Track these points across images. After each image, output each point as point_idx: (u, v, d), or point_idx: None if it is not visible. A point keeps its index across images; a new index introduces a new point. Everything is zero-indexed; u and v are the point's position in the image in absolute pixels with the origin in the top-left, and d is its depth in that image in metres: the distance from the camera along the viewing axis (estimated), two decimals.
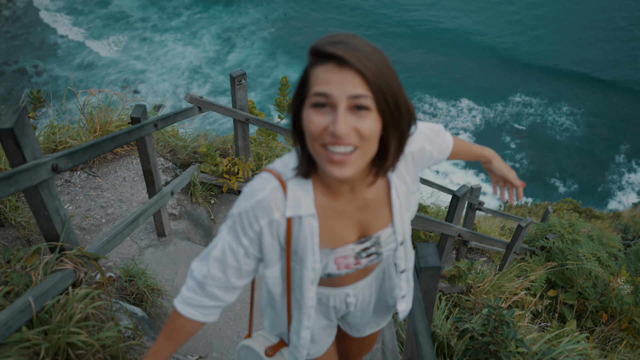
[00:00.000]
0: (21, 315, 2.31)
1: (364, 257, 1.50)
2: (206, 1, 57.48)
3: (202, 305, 1.40)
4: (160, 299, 3.92)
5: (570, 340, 3.74)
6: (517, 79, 49.77)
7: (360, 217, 1.43)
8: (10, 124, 2.40)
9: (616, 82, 49.27)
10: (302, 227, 1.33)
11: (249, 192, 1.33)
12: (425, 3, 57.11)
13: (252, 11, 56.80)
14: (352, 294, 1.66)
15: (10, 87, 47.38)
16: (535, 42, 53.09)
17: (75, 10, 56.64)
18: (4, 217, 4.00)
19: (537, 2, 57.25)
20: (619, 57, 51.29)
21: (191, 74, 50.39)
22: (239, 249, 1.34)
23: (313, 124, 1.11)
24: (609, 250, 7.07)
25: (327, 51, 1.06)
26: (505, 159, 44.14)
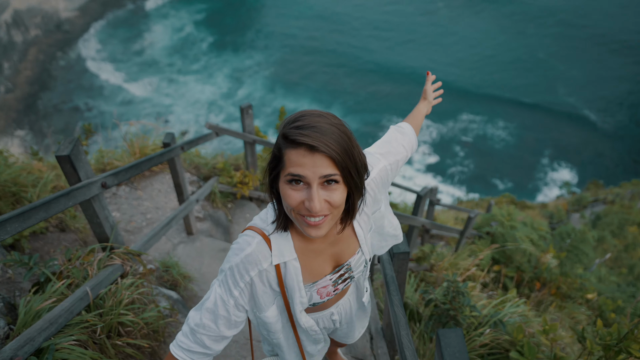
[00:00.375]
0: (81, 302, 2.30)
1: (340, 283, 1.46)
2: (219, 49, 57.61)
3: (192, 351, 1.27)
4: (190, 285, 3.91)
5: (512, 304, 3.75)
6: (463, 103, 50.25)
7: (333, 251, 1.39)
8: (67, 151, 2.40)
9: (538, 103, 50.20)
10: (288, 270, 1.30)
11: (237, 248, 1.26)
12: (387, 47, 57.54)
13: (255, 55, 56.99)
14: (336, 312, 1.62)
15: (67, 121, 47.27)
16: (475, 73, 53.55)
17: (116, 59, 56.61)
18: (65, 224, 3.98)
19: (476, 42, 57.77)
20: (539, 84, 52.00)
21: (209, 106, 50.50)
22: (230, 300, 1.25)
23: (291, 199, 1.10)
24: (539, 233, 7.13)
25: (299, 140, 1.03)
26: (455, 165, 44.84)
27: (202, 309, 1.27)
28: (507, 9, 62.08)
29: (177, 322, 3.10)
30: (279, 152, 1.11)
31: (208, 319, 1.25)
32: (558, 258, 6.20)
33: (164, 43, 58.71)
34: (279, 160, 1.12)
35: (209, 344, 1.27)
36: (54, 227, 3.91)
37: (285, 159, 1.08)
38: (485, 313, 3.44)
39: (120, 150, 5.96)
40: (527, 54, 55.91)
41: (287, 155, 1.07)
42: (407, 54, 56.47)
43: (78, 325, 2.28)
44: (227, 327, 1.27)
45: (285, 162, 1.08)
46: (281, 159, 1.10)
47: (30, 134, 47.10)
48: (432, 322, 3.40)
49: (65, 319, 2.17)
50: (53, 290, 2.32)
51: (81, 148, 2.52)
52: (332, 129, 1.06)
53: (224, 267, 1.28)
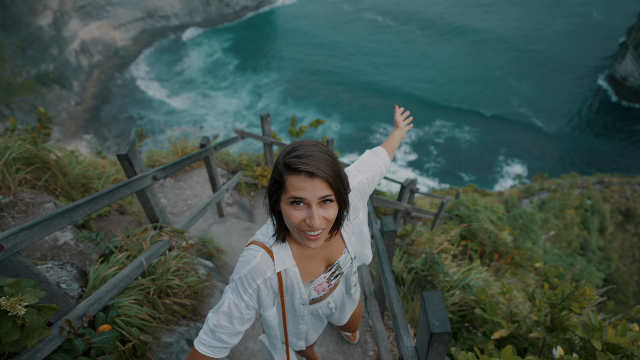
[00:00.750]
0: (137, 270, 2.30)
1: (332, 279, 1.45)
2: (242, 70, 57.68)
3: (212, 346, 1.24)
4: (222, 256, 3.91)
5: (476, 272, 3.74)
6: (435, 112, 50.47)
7: (324, 253, 1.37)
8: (126, 151, 2.39)
9: (497, 114, 50.44)
10: (289, 275, 1.29)
11: (244, 261, 1.23)
12: (375, 69, 57.56)
13: (271, 75, 57.04)
14: (332, 301, 1.61)
15: (123, 127, 47.52)
16: (445, 89, 53.44)
17: (161, 78, 56.79)
18: (123, 208, 3.99)
19: (446, 64, 57.54)
20: (497, 97, 52.05)
21: (234, 115, 50.70)
22: (242, 303, 1.22)
23: (293, 217, 1.09)
24: (497, 215, 7.11)
25: (300, 168, 1.02)
26: (430, 161, 44.75)
27: (218, 312, 1.25)
28: (471, 38, 61.80)
29: (213, 286, 3.10)
30: (280, 178, 1.09)
31: (224, 320, 1.23)
32: (512, 235, 6.18)
33: (198, 65, 58.69)
34: (280, 184, 1.09)
35: (227, 340, 1.26)
36: (115, 210, 3.91)
37: (287, 184, 1.06)
38: (456, 278, 3.43)
39: (166, 150, 5.95)
40: (487, 73, 55.76)
41: (289, 181, 1.06)
42: (391, 74, 56.46)
43: (135, 288, 2.28)
44: (240, 324, 1.26)
45: (287, 187, 1.06)
46: (282, 184, 1.08)
47: (94, 137, 47.30)
48: (413, 285, 3.39)
49: (126, 283, 2.18)
50: (115, 261, 2.33)
51: (136, 148, 2.52)
52: (325, 156, 1.06)
53: (234, 277, 1.25)
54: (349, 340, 2.66)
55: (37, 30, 51.86)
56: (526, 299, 3.79)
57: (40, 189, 3.24)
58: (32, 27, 51.25)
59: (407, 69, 57.17)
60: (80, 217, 1.92)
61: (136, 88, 54.87)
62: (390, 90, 53.29)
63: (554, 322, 2.60)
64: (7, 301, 1.26)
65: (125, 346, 1.91)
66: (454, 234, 4.91)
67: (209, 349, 1.25)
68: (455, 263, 4.53)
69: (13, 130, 3.74)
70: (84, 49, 57.39)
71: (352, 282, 1.67)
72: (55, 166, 3.44)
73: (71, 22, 56.89)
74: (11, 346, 1.37)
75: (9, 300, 1.27)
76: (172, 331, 2.33)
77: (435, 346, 1.09)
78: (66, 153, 3.97)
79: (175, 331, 2.34)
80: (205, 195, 5.17)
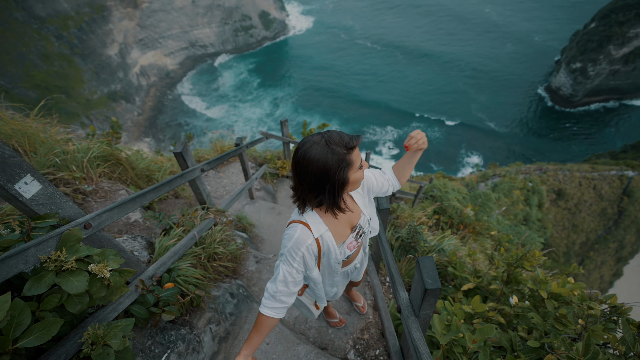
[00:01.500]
0: (191, 241, 2.29)
1: (359, 238, 1.41)
2: (264, 86, 57.38)
3: (275, 307, 1.25)
4: (254, 229, 3.90)
5: (448, 239, 3.71)
6: (411, 118, 49.90)
7: (346, 218, 1.34)
8: (180, 149, 2.35)
9: (461, 121, 49.67)
10: (325, 240, 1.26)
11: (288, 237, 1.22)
12: (365, 86, 56.99)
13: (286, 89, 56.68)
14: (357, 262, 1.59)
15: (174, 132, 47.44)
16: (419, 99, 52.81)
17: (201, 94, 56.55)
18: (178, 193, 3.97)
19: (418, 81, 56.73)
20: (460, 108, 51.50)
21: (258, 122, 50.47)
22: (292, 270, 1.22)
23: (362, 174, 1.18)
24: (462, 195, 7.02)
25: (355, 145, 1.09)
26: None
27: (276, 281, 1.24)
28: (438, 59, 60.69)
29: (247, 252, 3.09)
30: (345, 162, 1.09)
31: (282, 286, 1.24)
32: (474, 210, 6.12)
33: (230, 83, 58.31)
34: (346, 166, 1.09)
35: (286, 300, 1.26)
36: (171, 195, 3.90)
37: (351, 160, 1.10)
38: (432, 244, 3.39)
39: (208, 148, 5.91)
40: (451, 87, 54.87)
41: (351, 157, 1.10)
42: (377, 89, 55.92)
43: (190, 255, 2.27)
44: (294, 286, 1.26)
45: (353, 161, 1.11)
46: (348, 163, 1.10)
47: (153, 140, 47.35)
48: (400, 250, 3.36)
49: (183, 251, 2.17)
50: (174, 234, 2.31)
51: (188, 147, 2.48)
52: (344, 133, 1.13)
53: (283, 251, 1.24)
54: (358, 311, 2.58)
55: (107, 58, 51.61)
56: (486, 259, 3.75)
57: (115, 179, 3.23)
58: (103, 56, 51.04)
59: (390, 85, 56.41)
60: (147, 202, 1.90)
61: (182, 102, 54.65)
62: (375, 102, 52.80)
63: (509, 277, 2.56)
64: (96, 266, 1.25)
65: (184, 299, 1.91)
66: (429, 210, 4.85)
67: (273, 310, 1.26)
68: (431, 233, 4.49)
69: (93, 135, 3.71)
70: (142, 72, 57.05)
71: (367, 244, 1.66)
72: (125, 162, 3.42)
73: (133, 51, 56.51)
74: (100, 300, 1.37)
75: (97, 266, 1.25)
76: (219, 287, 2.33)
77: (428, 299, 1.06)
78: (133, 152, 3.95)
79: (221, 287, 2.34)
80: (239, 182, 5.15)
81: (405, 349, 1.58)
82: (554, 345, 1.65)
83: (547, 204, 24.41)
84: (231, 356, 2.04)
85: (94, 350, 1.21)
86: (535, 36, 64.08)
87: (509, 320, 2.25)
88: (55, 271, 1.17)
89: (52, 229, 1.30)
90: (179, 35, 61.57)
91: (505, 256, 2.72)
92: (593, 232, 31.64)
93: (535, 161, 38.78)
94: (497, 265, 2.78)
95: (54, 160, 2.74)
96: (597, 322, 1.87)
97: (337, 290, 1.63)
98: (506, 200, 14.00)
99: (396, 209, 4.95)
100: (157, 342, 1.74)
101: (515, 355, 1.84)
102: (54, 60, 44.70)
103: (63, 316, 1.30)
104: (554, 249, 23.05)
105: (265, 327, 1.27)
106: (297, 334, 2.31)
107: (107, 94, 49.57)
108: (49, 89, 41.42)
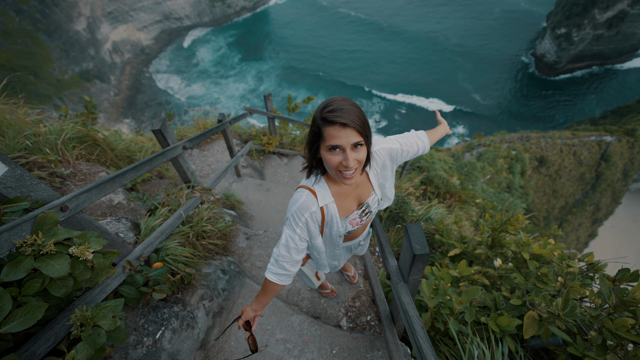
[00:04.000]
0: (178, 220, 2.25)
1: (364, 216, 1.38)
2: (246, 60, 55.40)
3: (278, 273, 1.25)
4: (242, 206, 3.87)
5: (435, 208, 3.78)
6: (398, 89, 49.47)
7: (356, 193, 1.30)
8: (159, 126, 2.25)
9: (445, 89, 49.51)
10: (329, 211, 1.23)
11: (294, 201, 1.19)
12: (347, 59, 55.64)
13: (269, 63, 54.91)
14: (362, 239, 1.59)
15: (155, 111, 45.85)
16: (406, 73, 52.10)
17: (180, 70, 54.21)
18: (162, 173, 3.87)
19: (404, 54, 55.68)
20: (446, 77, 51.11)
21: (241, 98, 49.13)
22: (295, 235, 1.20)
23: (332, 161, 1.04)
24: (448, 165, 7.12)
25: (334, 120, 0.96)
26: (395, 126, 44.14)
27: (279, 245, 1.24)
28: (424, 28, 59.29)
29: (237, 229, 3.08)
30: (318, 130, 1.02)
31: (284, 251, 1.23)
32: (459, 179, 6.23)
33: (209, 58, 55.96)
34: (319, 135, 1.03)
35: (288, 267, 1.25)
36: (155, 176, 3.80)
37: (325, 134, 1.01)
38: (420, 213, 3.45)
39: (190, 126, 5.72)
40: (438, 56, 54.24)
41: (327, 132, 1.00)
42: (360, 61, 54.63)
43: (178, 234, 2.24)
44: (296, 254, 1.24)
45: (325, 137, 1.01)
46: (321, 135, 1.02)
47: (133, 121, 45.65)
48: (389, 220, 3.41)
49: (170, 230, 2.14)
50: (160, 214, 2.27)
51: (167, 124, 2.38)
52: (354, 109, 0.99)
53: (288, 215, 1.22)
54: (349, 280, 2.63)
55: (75, 34, 48.29)
56: (471, 226, 3.86)
57: (93, 162, 3.10)
58: (70, 31, 47.70)
59: (373, 57, 55.23)
60: (128, 181, 1.83)
61: (161, 79, 52.32)
62: (361, 75, 51.80)
63: (494, 242, 2.65)
64: (77, 249, 1.21)
65: (175, 277, 1.90)
66: (417, 181, 4.90)
67: (276, 276, 1.26)
68: (419, 203, 4.56)
69: (66, 116, 3.52)
70: (115, 49, 53.84)
71: (370, 223, 1.66)
72: (103, 143, 3.28)
73: (102, 26, 52.99)
74: (85, 283, 1.34)
75: (79, 248, 1.21)
76: (209, 264, 2.32)
77: (417, 264, 1.08)
78: (111, 132, 3.78)
79: (212, 264, 2.33)
80: (225, 160, 5.05)
81: (395, 313, 1.63)
82: (535, 302, 1.74)
83: (530, 171, 25.13)
84: (226, 330, 2.08)
85: (83, 331, 1.20)
86: (521, 2, 63.08)
87: (492, 281, 2.35)
88: (33, 255, 1.13)
89: (25, 212, 1.24)
90: (151, 7, 57.79)
91: (490, 222, 2.81)
92: (572, 197, 33.06)
93: (519, 130, 39.48)
94: (482, 230, 2.86)
95: (25, 143, 2.60)
96: (575, 278, 1.97)
97: (337, 263, 1.63)
98: (490, 169, 14.31)
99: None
100: (150, 320, 1.74)
101: (498, 313, 1.94)
102: (16, 37, 41.52)
103: (48, 300, 1.27)
104: (536, 214, 24.05)
105: (270, 291, 1.30)
106: (290, 305, 2.36)
107: (79, 74, 46.85)
108: (14, 69, 38.79)
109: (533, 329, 1.63)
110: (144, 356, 1.60)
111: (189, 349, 1.79)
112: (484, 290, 2.13)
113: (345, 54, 55.75)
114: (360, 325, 2.28)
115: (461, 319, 1.93)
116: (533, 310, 1.68)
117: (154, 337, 1.69)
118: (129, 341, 1.62)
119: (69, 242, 1.25)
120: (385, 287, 2.38)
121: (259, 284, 2.46)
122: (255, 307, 1.31)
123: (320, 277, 1.77)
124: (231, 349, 1.98)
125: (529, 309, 1.78)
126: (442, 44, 56.35)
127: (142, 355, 1.60)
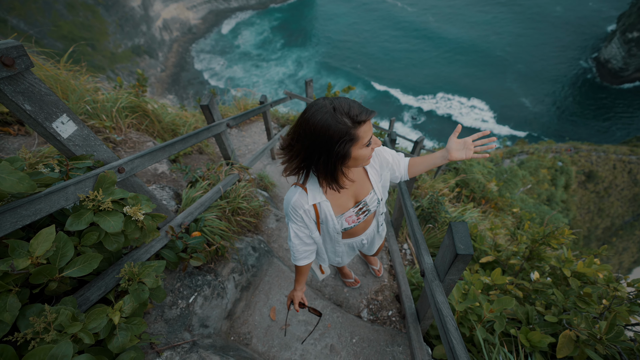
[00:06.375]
0: (216, 194, 2.34)
1: (361, 214, 1.35)
2: (288, 45, 55.56)
3: (303, 258, 1.38)
4: (274, 188, 3.95)
5: (469, 212, 3.65)
6: (438, 87, 47.48)
7: (352, 190, 1.28)
8: (207, 102, 2.33)
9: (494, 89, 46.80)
10: (322, 208, 1.24)
11: (287, 198, 1.22)
12: (393, 50, 53.94)
13: (310, 50, 54.74)
14: (365, 238, 1.57)
15: (197, 89, 47.49)
16: (450, 68, 49.72)
17: (224, 51, 55.34)
18: (202, 149, 4.03)
19: (454, 45, 53.03)
20: (495, 77, 48.24)
21: (279, 83, 49.52)
22: (299, 226, 1.27)
23: (368, 153, 1.05)
24: (487, 169, 6.80)
25: (366, 118, 0.98)
26: (431, 125, 42.53)
27: (290, 239, 1.33)
28: (476, 21, 55.91)
29: (268, 210, 3.15)
30: (351, 137, 0.97)
31: (296, 240, 1.32)
32: (497, 186, 5.94)
33: (252, 42, 56.61)
34: (352, 140, 0.98)
35: (307, 248, 1.36)
36: (195, 151, 3.96)
37: (361, 134, 0.98)
38: (453, 216, 3.35)
39: (231, 105, 5.88)
40: (490, 52, 51.18)
41: (362, 131, 0.98)
42: (406, 55, 52.70)
43: (216, 207, 2.33)
44: (307, 238, 1.34)
45: (362, 136, 0.99)
46: (354, 137, 0.98)
47: (175, 97, 47.70)
48: (420, 219, 3.34)
49: (209, 203, 2.23)
50: (200, 187, 2.37)
51: (214, 101, 2.45)
52: (357, 103, 1.02)
53: (285, 211, 1.28)
54: (374, 274, 2.62)
55: (130, 10, 50.82)
56: (507, 235, 3.69)
57: (142, 131, 3.29)
58: (126, 7, 50.25)
59: (417, 51, 53.13)
60: (176, 152, 1.92)
61: (205, 59, 53.93)
62: (402, 67, 50.16)
63: (532, 254, 2.51)
64: (130, 209, 1.30)
65: (210, 248, 2.00)
66: (452, 182, 4.73)
67: (303, 260, 1.38)
68: (452, 205, 4.42)
69: (121, 86, 3.74)
70: (165, 26, 56.08)
71: (380, 223, 1.62)
72: (152, 114, 3.46)
73: (155, 3, 55.22)
74: (134, 241, 1.44)
75: (132, 208, 1.30)
76: (242, 240, 2.41)
77: (457, 264, 1.05)
78: (159, 105, 3.98)
79: (244, 240, 2.42)
80: (261, 142, 5.15)
81: (422, 312, 1.61)
82: (573, 322, 1.63)
83: (575, 185, 23.39)
84: (251, 304, 2.16)
85: (130, 285, 1.30)
86: (589, 1, 57.46)
87: (526, 295, 2.24)
88: (93, 210, 1.22)
89: (88, 170, 1.34)
90: None
91: (531, 232, 2.66)
92: (620, 218, 30.38)
93: (568, 140, 36.63)
94: (520, 240, 2.72)
95: (85, 108, 2.80)
96: (622, 304, 1.82)
97: (340, 260, 1.63)
98: (532, 178, 13.49)
99: (417, 179, 4.86)
100: (185, 285, 1.85)
101: (530, 327, 1.85)
102: (79, 10, 44.46)
103: (101, 253, 1.38)
104: (576, 231, 22.51)
105: (304, 271, 1.45)
106: (314, 290, 2.40)
107: (131, 48, 49.48)
108: (75, 40, 41.68)
109: (568, 349, 1.54)
110: (177, 317, 1.71)
111: (217, 316, 1.89)
112: (517, 302, 2.04)
113: (386, 51, 54.18)
114: (380, 319, 2.28)
115: (488, 328, 1.86)
116: (570, 329, 1.58)
117: (188, 300, 1.80)
118: (166, 301, 1.73)
119: (123, 201, 1.35)
120: (411, 285, 2.34)
121: (285, 265, 2.52)
122: (299, 288, 1.47)
123: (324, 270, 1.79)
124: (255, 322, 2.06)
125: (565, 328, 1.69)
126: (493, 42, 53.01)
127: (176, 316, 1.70)
